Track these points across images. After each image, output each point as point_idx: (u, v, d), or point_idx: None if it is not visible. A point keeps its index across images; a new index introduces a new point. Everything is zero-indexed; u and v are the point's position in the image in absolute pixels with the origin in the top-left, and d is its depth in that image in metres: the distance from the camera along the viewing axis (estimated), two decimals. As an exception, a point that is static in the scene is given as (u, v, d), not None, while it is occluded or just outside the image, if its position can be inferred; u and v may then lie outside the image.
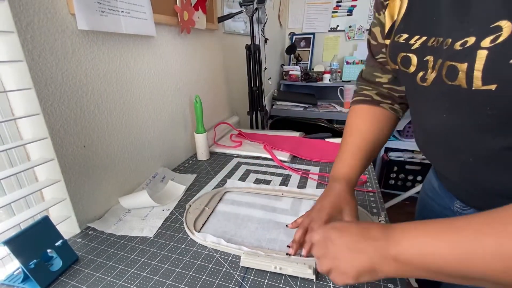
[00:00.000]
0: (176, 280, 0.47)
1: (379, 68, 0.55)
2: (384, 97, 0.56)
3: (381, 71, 0.55)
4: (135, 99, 0.73)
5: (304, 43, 2.48)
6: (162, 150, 0.87)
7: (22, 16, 0.46)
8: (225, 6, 1.21)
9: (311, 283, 0.46)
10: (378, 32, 0.51)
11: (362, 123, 0.56)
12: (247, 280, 0.47)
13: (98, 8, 0.56)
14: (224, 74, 1.29)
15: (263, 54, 1.55)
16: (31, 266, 0.44)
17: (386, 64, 0.53)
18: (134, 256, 0.53)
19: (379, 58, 0.54)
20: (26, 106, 0.51)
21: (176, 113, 0.92)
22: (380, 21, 0.50)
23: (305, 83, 2.26)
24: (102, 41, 0.61)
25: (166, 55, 0.84)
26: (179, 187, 0.76)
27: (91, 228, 0.61)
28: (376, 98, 0.56)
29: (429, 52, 0.38)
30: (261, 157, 0.98)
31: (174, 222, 0.63)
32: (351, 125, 0.58)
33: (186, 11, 0.86)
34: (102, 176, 0.65)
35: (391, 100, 0.56)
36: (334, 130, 1.54)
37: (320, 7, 2.37)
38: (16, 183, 0.56)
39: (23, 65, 0.47)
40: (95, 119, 0.62)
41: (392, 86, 0.55)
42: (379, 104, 0.56)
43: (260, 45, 1.31)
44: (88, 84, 0.59)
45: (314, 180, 0.80)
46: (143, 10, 0.68)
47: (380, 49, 0.52)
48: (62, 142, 0.55)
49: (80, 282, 0.47)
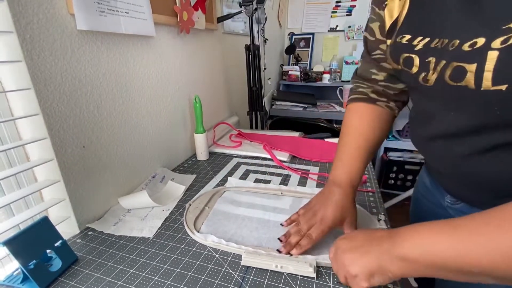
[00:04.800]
0: (176, 280, 0.47)
1: (375, 65, 0.55)
2: (379, 95, 0.56)
3: (377, 68, 0.54)
4: (134, 99, 0.73)
5: (304, 43, 2.49)
6: (162, 150, 0.87)
7: (21, 16, 0.46)
8: (225, 6, 1.21)
9: (311, 282, 0.46)
10: (377, 27, 0.50)
11: (359, 122, 0.56)
12: (247, 280, 0.47)
13: (98, 8, 0.56)
14: (224, 74, 1.29)
15: (262, 54, 1.54)
16: (30, 266, 0.44)
17: (382, 61, 0.52)
18: (133, 257, 0.53)
19: (376, 54, 0.53)
20: (25, 107, 0.51)
21: (176, 113, 0.92)
22: (380, 17, 0.49)
23: (305, 83, 2.27)
24: (101, 41, 0.61)
25: (166, 55, 0.84)
26: (178, 187, 0.76)
27: (90, 229, 0.61)
28: (372, 96, 0.56)
29: (432, 54, 0.38)
30: (261, 157, 0.98)
31: (174, 222, 0.63)
32: (349, 124, 0.57)
33: (185, 11, 0.86)
34: (101, 177, 0.65)
35: (386, 97, 0.56)
36: (334, 130, 1.54)
37: (319, 7, 2.37)
38: (15, 183, 0.56)
39: (22, 65, 0.47)
40: (94, 119, 0.62)
41: (388, 83, 0.54)
42: (375, 102, 0.55)
43: (259, 45, 1.31)
44: (88, 84, 0.59)
45: (313, 180, 0.80)
46: (143, 10, 0.68)
47: (378, 45, 0.51)
48: (62, 142, 0.55)
49: (80, 282, 0.47)
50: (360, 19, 2.30)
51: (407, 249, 0.33)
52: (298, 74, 2.28)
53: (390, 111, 0.56)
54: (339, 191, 0.52)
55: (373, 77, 0.55)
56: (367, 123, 0.55)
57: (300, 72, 2.28)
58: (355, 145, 0.54)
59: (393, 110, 0.56)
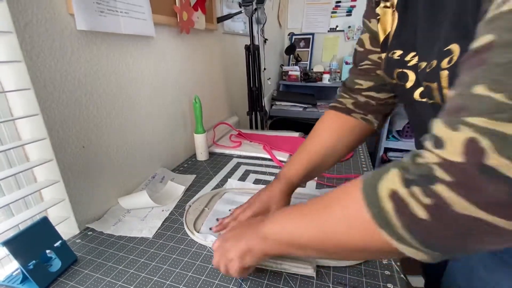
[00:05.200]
0: (175, 280, 0.47)
1: (361, 76, 0.55)
2: (359, 107, 0.56)
3: (362, 78, 0.55)
4: (134, 100, 0.73)
5: (304, 43, 2.49)
6: (162, 150, 0.87)
7: (21, 16, 0.46)
8: (225, 6, 1.21)
9: (311, 282, 0.46)
10: (367, 38, 0.51)
11: (323, 129, 0.58)
12: (246, 281, 0.47)
13: (97, 8, 0.56)
14: (224, 74, 1.29)
15: (262, 55, 1.55)
16: (30, 267, 0.44)
17: (370, 71, 0.53)
18: (133, 257, 0.53)
19: (364, 65, 0.53)
20: (25, 107, 0.51)
21: (176, 113, 0.92)
22: (370, 28, 0.50)
23: (305, 83, 2.26)
24: (101, 41, 0.61)
25: (165, 56, 0.84)
26: (178, 188, 0.76)
27: (90, 229, 0.61)
28: (350, 107, 0.57)
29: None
30: (261, 157, 0.98)
31: (174, 222, 0.63)
32: (314, 129, 0.59)
33: (185, 11, 0.86)
34: (101, 177, 0.65)
35: (365, 110, 0.56)
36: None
37: (319, 7, 2.37)
38: (15, 183, 0.56)
39: (22, 65, 0.47)
40: (94, 119, 0.61)
41: (371, 93, 0.55)
42: (350, 113, 0.56)
43: (259, 45, 1.31)
44: (87, 84, 0.59)
45: (313, 180, 0.80)
46: (142, 10, 0.68)
47: (366, 56, 0.52)
48: (61, 142, 0.55)
49: (79, 283, 0.47)
50: (360, 19, 2.27)
51: (267, 229, 0.39)
52: (298, 74, 2.28)
53: (366, 124, 0.57)
54: (275, 185, 0.56)
55: (356, 87, 0.56)
56: (330, 132, 0.57)
57: (300, 72, 2.28)
58: (309, 151, 0.57)
59: (370, 123, 0.57)
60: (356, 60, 0.55)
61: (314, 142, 0.57)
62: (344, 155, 0.59)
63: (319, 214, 0.33)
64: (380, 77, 0.51)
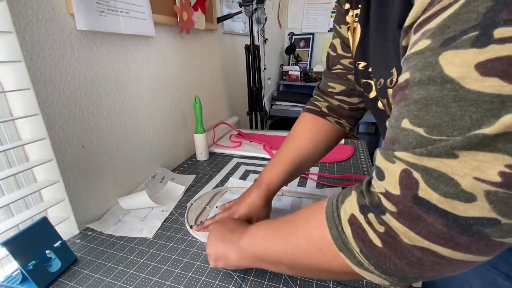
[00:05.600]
0: (175, 281, 0.47)
1: (334, 79, 0.55)
2: (332, 111, 0.57)
3: (335, 82, 0.55)
4: (134, 99, 0.73)
5: (304, 43, 2.49)
6: (162, 150, 0.87)
7: (21, 16, 0.46)
8: (225, 6, 1.21)
9: (311, 282, 0.46)
10: (338, 43, 0.52)
11: (301, 131, 0.58)
12: (246, 281, 0.47)
13: (97, 8, 0.56)
14: (224, 74, 1.29)
15: (262, 54, 1.55)
16: (29, 267, 0.44)
17: (342, 75, 0.53)
18: (133, 257, 0.53)
19: (336, 69, 0.54)
20: (25, 107, 0.51)
21: (176, 113, 0.92)
22: (340, 34, 0.50)
23: (305, 83, 2.26)
24: (101, 41, 0.61)
25: (165, 55, 0.84)
26: (178, 188, 0.75)
27: (90, 229, 0.61)
28: (324, 110, 0.57)
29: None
30: (261, 157, 0.98)
31: (174, 222, 0.63)
32: (292, 132, 0.59)
33: (185, 11, 0.86)
34: (101, 177, 0.65)
35: (338, 114, 0.57)
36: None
37: (319, 7, 2.38)
38: (14, 183, 0.56)
39: (22, 65, 0.47)
40: (94, 119, 0.61)
41: (343, 97, 0.55)
42: (325, 117, 0.57)
43: (259, 45, 1.31)
44: (87, 84, 0.59)
45: (313, 181, 0.80)
46: (142, 10, 0.68)
47: (339, 60, 0.53)
48: (61, 142, 0.55)
49: (79, 283, 0.47)
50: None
51: (244, 242, 0.41)
52: (298, 74, 2.28)
53: (339, 128, 0.58)
54: (255, 192, 0.56)
55: (329, 90, 0.56)
56: (308, 134, 0.57)
57: (300, 72, 2.28)
58: (288, 154, 0.57)
59: (343, 127, 0.58)
60: (329, 63, 0.56)
61: (294, 145, 0.57)
62: (321, 157, 0.59)
63: (288, 233, 0.34)
64: (351, 81, 0.52)
